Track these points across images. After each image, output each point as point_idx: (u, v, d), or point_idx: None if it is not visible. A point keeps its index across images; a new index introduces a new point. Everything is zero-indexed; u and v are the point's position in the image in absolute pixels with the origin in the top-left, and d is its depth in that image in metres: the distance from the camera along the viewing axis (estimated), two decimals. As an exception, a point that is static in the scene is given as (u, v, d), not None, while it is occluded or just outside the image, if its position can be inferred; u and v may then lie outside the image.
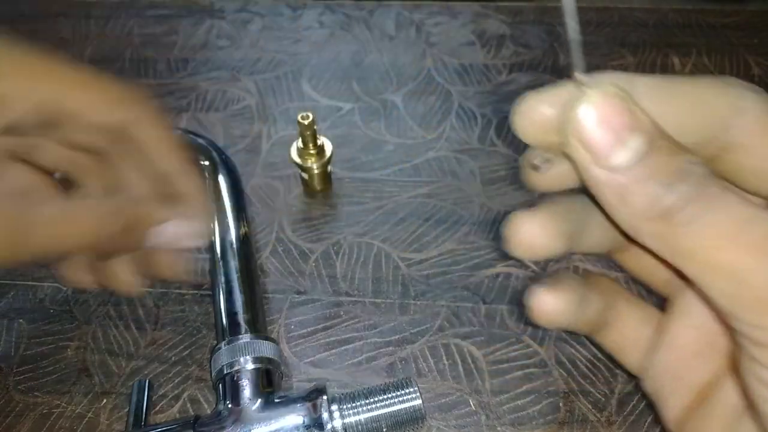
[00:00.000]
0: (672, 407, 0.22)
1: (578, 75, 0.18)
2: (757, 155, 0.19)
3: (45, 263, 0.28)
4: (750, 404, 0.19)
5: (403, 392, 0.24)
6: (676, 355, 0.22)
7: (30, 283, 0.33)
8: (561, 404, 0.28)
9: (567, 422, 0.27)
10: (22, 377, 0.29)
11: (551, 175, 0.21)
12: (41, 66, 0.25)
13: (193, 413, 0.28)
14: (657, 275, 0.23)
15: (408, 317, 0.31)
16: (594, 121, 0.17)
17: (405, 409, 0.24)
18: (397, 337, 0.30)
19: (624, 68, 0.42)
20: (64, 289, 0.33)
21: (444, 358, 0.29)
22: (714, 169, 0.18)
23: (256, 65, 0.44)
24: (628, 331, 0.23)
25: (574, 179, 0.20)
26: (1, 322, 0.31)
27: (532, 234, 0.20)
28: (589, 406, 0.28)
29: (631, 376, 0.28)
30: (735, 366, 0.19)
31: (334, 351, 0.30)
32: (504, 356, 0.29)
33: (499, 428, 0.27)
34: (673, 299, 0.22)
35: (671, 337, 0.22)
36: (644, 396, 0.28)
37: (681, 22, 0.45)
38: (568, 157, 0.18)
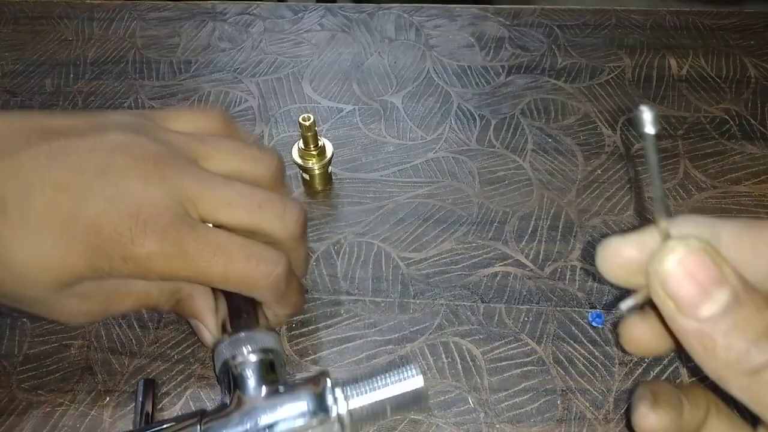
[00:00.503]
0: None
1: (663, 225, 0.18)
2: None
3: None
4: None
5: (405, 374, 0.25)
6: None
7: (33, 282, 0.33)
8: (559, 402, 0.28)
9: (565, 420, 0.27)
10: (25, 375, 0.30)
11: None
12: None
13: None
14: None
15: (408, 316, 0.31)
16: (680, 275, 0.17)
17: (408, 390, 0.25)
18: (397, 335, 0.30)
19: (621, 70, 0.43)
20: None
21: (443, 356, 0.30)
22: None
23: (258, 67, 0.44)
24: None
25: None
26: (5, 320, 0.32)
27: (644, 337, 0.21)
28: (587, 404, 0.28)
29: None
30: None
31: (334, 349, 0.30)
32: (502, 354, 0.30)
33: (497, 426, 0.27)
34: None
35: None
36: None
37: (678, 24, 0.46)
38: (654, 304, 0.19)
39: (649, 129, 0.17)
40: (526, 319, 0.31)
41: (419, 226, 0.35)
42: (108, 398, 0.29)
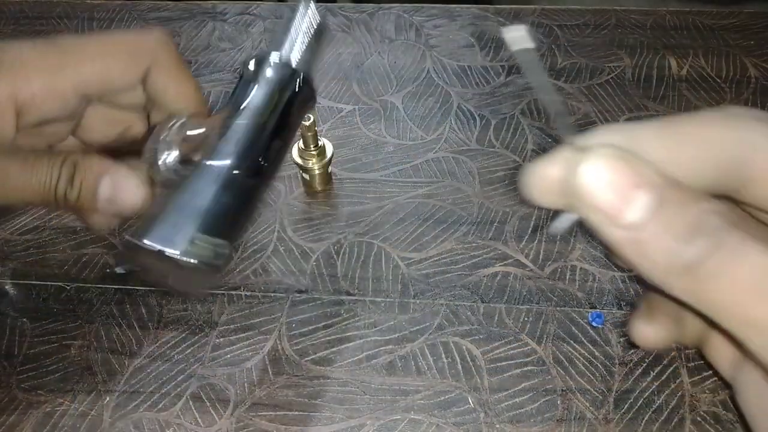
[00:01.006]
0: (758, 426, 0.21)
1: (573, 140, 0.18)
2: None
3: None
4: None
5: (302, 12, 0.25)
6: (758, 379, 0.21)
7: (34, 282, 0.33)
8: (559, 402, 0.28)
9: (565, 420, 0.27)
10: (25, 375, 0.30)
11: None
12: (56, 57, 0.25)
13: (195, 411, 0.28)
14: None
15: (408, 316, 0.31)
16: (597, 185, 0.17)
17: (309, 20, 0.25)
18: (396, 335, 0.30)
19: (621, 70, 0.43)
20: (68, 288, 0.33)
21: (443, 356, 0.30)
22: (740, 202, 0.19)
23: (257, 67, 0.44)
24: (719, 345, 0.22)
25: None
26: (5, 320, 0.32)
27: (649, 337, 0.20)
28: (587, 404, 0.28)
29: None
30: None
31: (334, 349, 0.30)
32: (502, 354, 0.30)
33: (497, 425, 0.27)
34: None
35: (751, 366, 0.21)
36: (641, 394, 0.28)
37: (678, 24, 0.46)
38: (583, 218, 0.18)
39: (527, 44, 0.17)
40: (526, 319, 0.31)
41: (419, 226, 0.35)
42: (108, 398, 0.29)
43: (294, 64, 0.25)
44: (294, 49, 0.25)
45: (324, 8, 0.48)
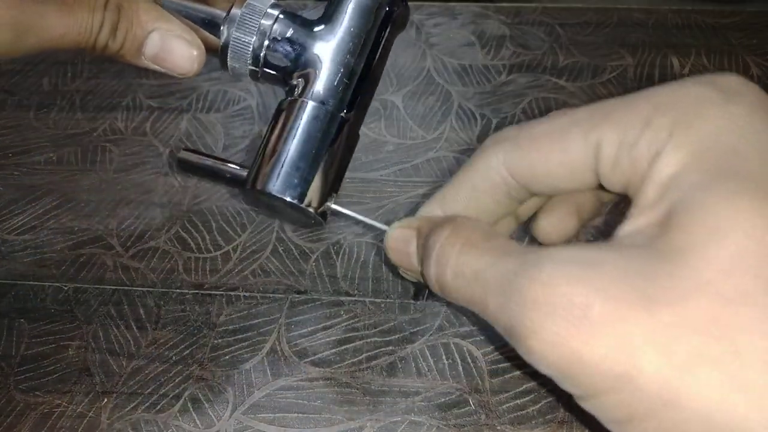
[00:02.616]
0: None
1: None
2: (538, 182, 0.22)
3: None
4: None
5: None
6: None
7: (31, 282, 0.33)
8: (560, 403, 0.28)
9: (566, 421, 0.27)
10: (23, 377, 0.29)
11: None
12: None
13: (194, 413, 0.28)
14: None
15: (408, 317, 0.31)
16: (394, 252, 0.24)
17: None
18: (397, 336, 0.30)
19: (623, 68, 0.42)
20: (65, 288, 0.33)
21: (444, 357, 0.29)
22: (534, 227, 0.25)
23: (257, 66, 0.44)
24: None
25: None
26: (2, 321, 0.31)
27: (550, 230, 0.25)
28: (589, 406, 0.28)
29: None
30: None
31: (334, 350, 0.30)
32: (503, 355, 0.29)
33: (498, 427, 0.27)
34: None
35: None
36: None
37: (680, 23, 0.46)
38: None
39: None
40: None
41: (420, 226, 0.34)
42: (106, 399, 0.28)
43: None
44: None
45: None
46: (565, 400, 0.28)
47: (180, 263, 0.33)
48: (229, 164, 0.27)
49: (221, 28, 0.25)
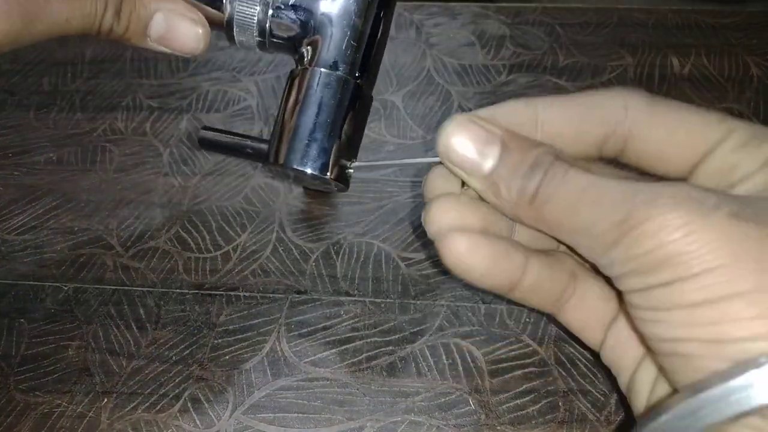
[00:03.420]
0: (624, 374, 0.24)
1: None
2: (650, 139, 0.22)
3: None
4: (639, 336, 0.22)
5: None
6: (628, 326, 0.24)
7: (31, 282, 0.33)
8: (560, 403, 0.28)
9: (566, 421, 0.27)
10: (22, 377, 0.29)
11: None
12: None
13: (194, 413, 0.28)
14: (591, 327, 0.26)
15: (408, 317, 0.31)
16: (457, 145, 0.21)
17: None
18: (397, 336, 0.30)
19: (623, 68, 0.42)
20: (65, 288, 0.33)
21: (444, 357, 0.29)
22: (627, 161, 0.23)
23: (257, 66, 0.44)
24: (590, 307, 0.25)
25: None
26: (2, 321, 0.31)
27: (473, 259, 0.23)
28: (589, 406, 0.28)
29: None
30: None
31: (334, 350, 0.30)
32: (503, 356, 0.29)
33: (498, 427, 0.27)
34: None
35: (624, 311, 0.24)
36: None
37: (680, 23, 0.46)
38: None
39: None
40: (527, 320, 0.31)
41: (420, 226, 0.34)
42: (106, 399, 0.28)
43: None
44: None
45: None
46: (564, 400, 0.28)
47: (180, 263, 0.33)
48: (249, 139, 0.27)
49: (224, 1, 0.25)
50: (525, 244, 0.24)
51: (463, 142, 0.21)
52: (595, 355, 0.29)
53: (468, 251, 0.22)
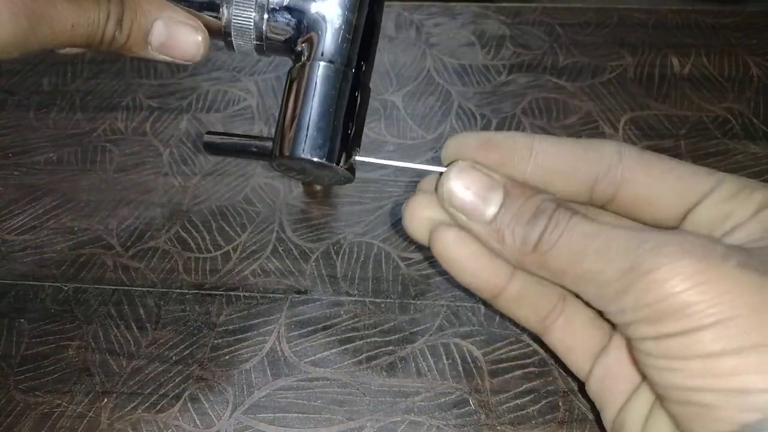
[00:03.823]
0: (611, 408, 0.24)
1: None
2: (641, 184, 0.22)
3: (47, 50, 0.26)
4: (645, 378, 0.22)
5: None
6: (620, 359, 0.24)
7: (31, 282, 0.33)
8: (560, 403, 0.28)
9: (566, 421, 0.27)
10: (22, 377, 0.29)
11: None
12: None
13: (194, 413, 0.28)
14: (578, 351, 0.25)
15: (408, 317, 0.31)
16: (459, 190, 0.21)
17: None
18: (397, 336, 0.30)
19: (623, 68, 0.42)
20: (65, 288, 0.33)
21: (444, 357, 0.29)
22: (615, 210, 0.23)
23: (257, 66, 0.44)
24: (577, 332, 0.25)
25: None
26: (2, 321, 0.31)
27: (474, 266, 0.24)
28: (589, 406, 0.28)
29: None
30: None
31: (334, 350, 0.30)
32: (503, 356, 0.29)
33: (498, 427, 0.27)
34: None
35: (619, 343, 0.24)
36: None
37: (680, 23, 0.46)
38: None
39: None
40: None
41: (420, 226, 0.34)
42: (106, 399, 0.28)
43: None
44: None
45: None
46: (564, 400, 0.28)
47: (180, 263, 0.33)
48: (254, 138, 0.28)
49: (220, 9, 0.26)
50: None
51: (466, 187, 0.21)
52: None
53: (455, 243, 0.23)
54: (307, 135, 0.25)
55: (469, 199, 0.21)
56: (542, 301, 0.24)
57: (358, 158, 0.26)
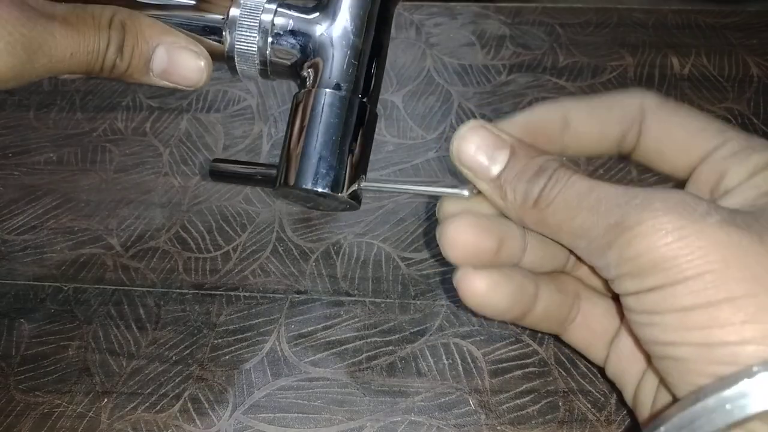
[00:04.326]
0: (629, 388, 0.25)
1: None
2: (654, 137, 0.23)
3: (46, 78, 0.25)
4: (636, 341, 0.23)
5: None
6: (629, 343, 0.24)
7: (31, 282, 0.33)
8: (560, 403, 0.28)
9: (566, 421, 0.27)
10: (23, 377, 0.29)
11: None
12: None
13: (194, 413, 0.28)
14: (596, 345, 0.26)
15: (408, 317, 0.31)
16: (469, 148, 0.22)
17: None
18: (397, 336, 0.30)
19: (623, 68, 0.42)
20: (65, 288, 0.33)
21: (444, 357, 0.29)
22: (638, 159, 0.24)
23: (257, 66, 0.44)
24: (594, 325, 0.25)
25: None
26: (2, 321, 0.31)
27: (482, 292, 0.24)
28: (589, 406, 0.28)
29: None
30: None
31: (334, 350, 0.30)
32: (503, 356, 0.29)
33: (498, 427, 0.27)
34: None
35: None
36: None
37: (680, 23, 0.46)
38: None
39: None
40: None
41: (419, 226, 0.34)
42: (106, 399, 0.28)
43: None
44: None
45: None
46: (564, 400, 0.28)
47: (180, 263, 0.33)
48: (258, 166, 0.28)
49: (223, 33, 0.25)
50: (532, 267, 0.25)
51: (474, 145, 0.22)
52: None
53: (489, 291, 0.23)
54: (311, 165, 0.24)
55: (476, 157, 0.22)
56: (562, 309, 0.25)
57: (364, 185, 0.26)
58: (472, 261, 0.23)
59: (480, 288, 0.23)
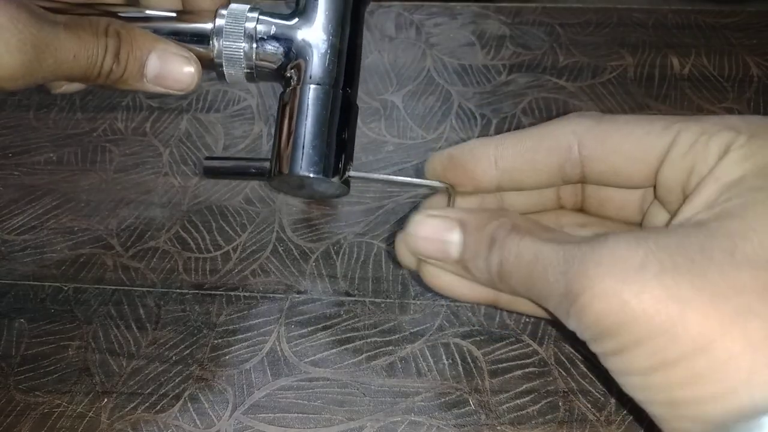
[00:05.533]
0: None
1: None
2: (600, 159, 0.23)
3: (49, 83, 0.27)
4: None
5: None
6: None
7: (31, 282, 0.33)
8: (560, 403, 0.28)
9: (566, 421, 0.27)
10: (22, 377, 0.29)
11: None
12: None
13: (194, 413, 0.28)
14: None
15: (408, 317, 0.31)
16: (424, 243, 0.23)
17: None
18: (397, 336, 0.30)
19: (623, 68, 0.42)
20: (65, 288, 0.33)
21: (444, 357, 0.29)
22: (592, 183, 0.24)
23: (257, 66, 0.44)
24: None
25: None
26: (2, 321, 0.31)
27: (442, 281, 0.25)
28: (589, 406, 0.28)
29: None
30: None
31: (334, 350, 0.30)
32: (503, 356, 0.29)
33: (498, 427, 0.27)
34: None
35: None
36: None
37: (680, 23, 0.46)
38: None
39: None
40: (527, 320, 0.31)
41: (420, 226, 0.34)
42: (106, 399, 0.28)
43: None
44: None
45: None
46: (564, 400, 0.28)
47: (180, 263, 0.33)
48: (251, 160, 0.29)
49: (211, 41, 0.28)
50: (524, 211, 0.26)
51: (425, 239, 0.23)
52: (595, 355, 0.29)
53: (442, 273, 0.24)
54: (303, 153, 0.26)
55: (432, 248, 0.23)
56: None
57: (351, 173, 0.28)
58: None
59: (435, 271, 0.24)
